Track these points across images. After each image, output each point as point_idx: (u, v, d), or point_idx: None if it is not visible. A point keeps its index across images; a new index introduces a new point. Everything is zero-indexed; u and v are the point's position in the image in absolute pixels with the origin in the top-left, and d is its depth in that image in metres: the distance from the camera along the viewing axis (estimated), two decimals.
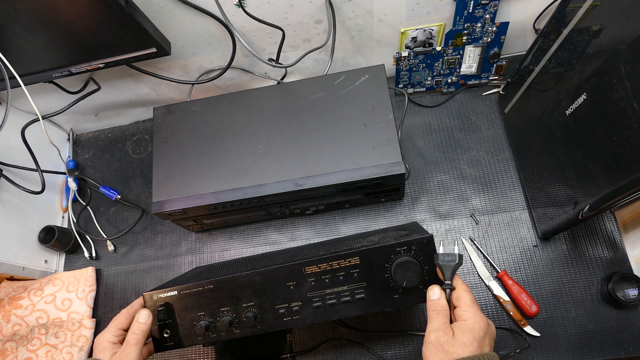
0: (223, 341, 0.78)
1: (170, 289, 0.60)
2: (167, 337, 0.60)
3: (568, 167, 0.63)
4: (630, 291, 0.69)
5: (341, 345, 0.75)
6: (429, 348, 0.49)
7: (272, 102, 0.74)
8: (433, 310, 0.52)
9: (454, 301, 0.52)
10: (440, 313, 0.51)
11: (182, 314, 0.60)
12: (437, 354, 0.48)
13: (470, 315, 0.49)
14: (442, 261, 0.54)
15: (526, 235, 0.77)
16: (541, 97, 0.69)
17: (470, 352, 0.47)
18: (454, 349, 0.47)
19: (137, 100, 0.92)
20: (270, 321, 0.58)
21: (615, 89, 0.50)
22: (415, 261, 0.55)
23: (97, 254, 0.89)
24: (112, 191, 0.90)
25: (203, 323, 0.58)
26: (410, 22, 0.76)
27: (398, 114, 0.87)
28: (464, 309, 0.50)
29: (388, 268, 0.56)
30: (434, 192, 0.82)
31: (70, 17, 0.61)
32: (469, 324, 0.49)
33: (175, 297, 0.60)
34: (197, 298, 0.60)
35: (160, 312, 0.60)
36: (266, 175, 0.69)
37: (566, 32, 0.61)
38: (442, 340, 0.48)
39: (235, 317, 0.59)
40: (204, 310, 0.59)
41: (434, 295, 0.53)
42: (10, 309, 0.80)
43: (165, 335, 0.60)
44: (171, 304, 0.60)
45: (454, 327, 0.50)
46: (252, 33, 0.76)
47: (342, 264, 0.57)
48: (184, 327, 0.60)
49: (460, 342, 0.47)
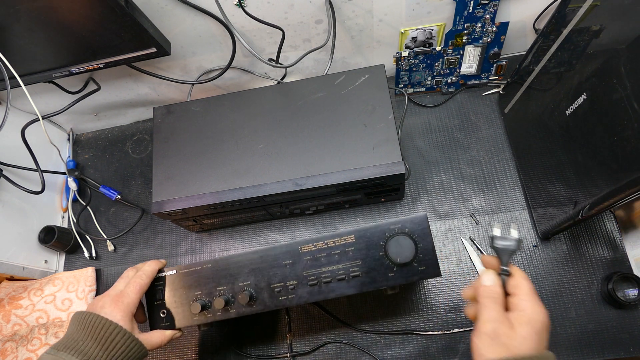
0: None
1: (170, 268, 0.62)
2: (163, 317, 0.61)
3: (568, 167, 0.63)
4: (630, 291, 0.69)
5: (341, 348, 0.75)
6: (482, 339, 0.45)
7: (272, 102, 0.74)
8: (487, 297, 0.47)
9: (510, 289, 0.48)
10: (496, 301, 0.47)
11: (179, 293, 0.61)
12: (492, 346, 0.44)
13: (529, 305, 0.45)
14: (499, 245, 0.50)
15: (526, 235, 0.77)
16: (541, 97, 0.69)
17: (531, 348, 0.43)
18: (513, 342, 0.43)
19: (137, 100, 0.92)
20: (266, 300, 0.59)
21: (615, 89, 0.50)
22: (409, 237, 0.56)
23: (97, 254, 0.89)
24: (112, 191, 0.90)
25: (199, 302, 0.59)
26: (410, 22, 0.76)
27: (398, 114, 0.87)
28: (523, 297, 0.46)
29: (382, 246, 0.57)
30: (434, 192, 0.82)
31: (70, 17, 0.61)
32: (527, 314, 0.45)
33: (173, 277, 0.61)
34: (195, 277, 0.61)
35: (158, 291, 0.61)
36: (266, 175, 0.69)
37: (566, 32, 0.61)
38: (500, 332, 0.44)
39: (231, 296, 0.60)
40: (201, 290, 0.60)
41: (488, 280, 0.48)
42: (10, 309, 0.80)
43: (161, 315, 0.61)
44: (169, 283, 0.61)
45: (511, 318, 0.46)
46: (252, 33, 0.76)
47: (338, 242, 0.59)
48: (180, 307, 0.61)
49: (519, 335, 0.44)
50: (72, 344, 0.52)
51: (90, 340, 0.53)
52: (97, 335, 0.53)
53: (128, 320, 0.56)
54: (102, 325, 0.53)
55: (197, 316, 0.60)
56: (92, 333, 0.53)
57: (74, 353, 0.51)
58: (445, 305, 0.75)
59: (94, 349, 0.52)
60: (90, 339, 0.53)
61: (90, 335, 0.53)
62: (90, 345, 0.52)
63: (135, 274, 0.61)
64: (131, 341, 0.55)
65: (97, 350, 0.52)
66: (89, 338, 0.53)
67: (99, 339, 0.53)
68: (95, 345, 0.52)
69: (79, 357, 0.51)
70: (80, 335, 0.53)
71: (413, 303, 0.76)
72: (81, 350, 0.51)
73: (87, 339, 0.53)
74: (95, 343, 0.53)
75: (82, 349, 0.52)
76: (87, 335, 0.53)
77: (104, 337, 0.53)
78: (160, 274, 0.63)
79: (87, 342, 0.52)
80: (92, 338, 0.53)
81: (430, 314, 0.74)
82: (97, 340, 0.53)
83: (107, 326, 0.53)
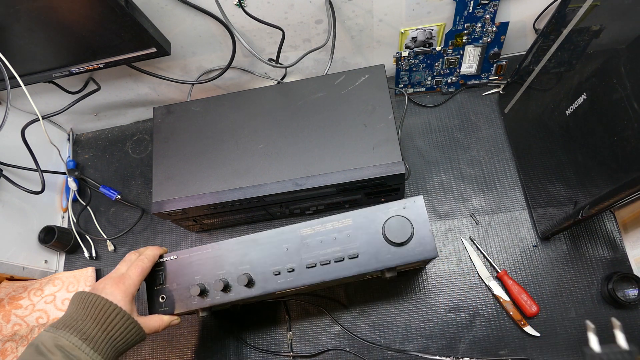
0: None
1: (171, 254, 0.63)
2: (162, 302, 0.62)
3: (568, 167, 0.63)
4: (630, 291, 0.69)
5: (342, 354, 0.75)
6: None
7: (272, 102, 0.74)
8: None
9: None
10: None
11: (179, 278, 0.62)
12: None
13: None
14: None
15: (526, 235, 0.77)
16: (541, 97, 0.69)
17: None
18: None
19: (137, 100, 0.92)
20: (264, 283, 0.60)
21: (615, 89, 0.50)
22: (405, 218, 0.57)
23: (97, 254, 0.89)
24: (112, 191, 0.90)
25: (199, 286, 0.60)
26: (410, 22, 0.76)
27: (398, 114, 0.87)
28: None
29: (379, 227, 0.58)
30: (434, 192, 0.82)
31: (70, 17, 0.61)
32: None
33: (173, 262, 0.62)
34: (196, 263, 0.62)
35: (158, 276, 0.62)
36: (266, 175, 0.69)
37: (566, 32, 0.61)
38: None
39: (230, 280, 0.60)
40: (200, 275, 0.61)
41: None
42: (10, 309, 0.80)
43: (160, 300, 0.62)
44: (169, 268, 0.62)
45: None
46: (252, 33, 0.76)
47: (336, 225, 0.59)
48: (179, 292, 0.61)
49: None
50: (71, 323, 0.52)
51: (89, 319, 0.53)
52: (96, 315, 0.53)
53: (128, 302, 0.56)
54: (101, 306, 0.54)
55: (195, 300, 0.61)
56: (91, 313, 0.53)
57: (72, 331, 0.51)
58: (445, 305, 0.75)
59: (92, 328, 0.52)
60: (89, 318, 0.53)
61: (89, 315, 0.53)
62: (89, 325, 0.52)
63: (138, 258, 0.61)
64: (130, 322, 0.55)
65: (95, 330, 0.52)
66: (89, 317, 0.53)
67: (98, 319, 0.53)
68: (94, 324, 0.53)
69: (77, 336, 0.51)
70: (80, 314, 0.53)
71: (413, 303, 0.76)
72: (80, 329, 0.52)
73: (86, 318, 0.53)
74: (94, 323, 0.53)
75: (81, 327, 0.52)
76: (87, 315, 0.53)
77: (103, 317, 0.53)
78: (161, 259, 0.64)
79: (86, 322, 0.53)
80: (92, 318, 0.53)
81: (430, 314, 0.75)
82: (96, 320, 0.53)
83: (106, 307, 0.54)
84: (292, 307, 0.79)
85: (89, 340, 0.51)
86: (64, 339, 0.50)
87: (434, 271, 0.77)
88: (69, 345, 0.50)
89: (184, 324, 0.81)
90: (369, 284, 0.78)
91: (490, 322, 0.73)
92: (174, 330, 0.80)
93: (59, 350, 0.49)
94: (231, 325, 0.79)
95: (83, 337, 0.51)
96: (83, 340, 0.51)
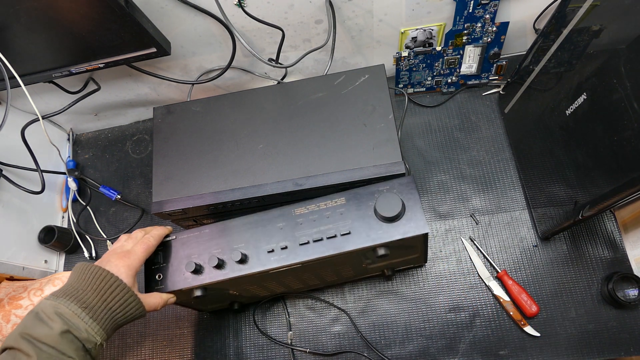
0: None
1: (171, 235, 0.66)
2: (158, 281, 0.63)
3: (568, 167, 0.63)
4: (630, 291, 0.69)
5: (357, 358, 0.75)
6: None
7: (272, 102, 0.74)
8: None
9: None
10: None
11: (176, 258, 0.64)
12: None
13: None
14: None
15: (526, 235, 0.77)
16: (541, 97, 0.69)
17: None
18: None
19: (137, 100, 0.92)
20: (257, 260, 0.61)
21: (615, 89, 0.50)
22: (396, 195, 0.59)
23: (97, 254, 0.89)
24: (112, 191, 0.90)
25: (194, 263, 0.61)
26: (410, 22, 0.76)
27: (398, 114, 0.87)
28: None
29: (371, 204, 0.60)
30: (434, 192, 0.82)
31: (70, 17, 0.61)
32: None
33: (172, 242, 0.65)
34: (193, 243, 0.64)
35: (157, 255, 0.64)
36: (266, 175, 0.69)
37: (566, 32, 0.61)
38: None
39: (225, 258, 0.62)
40: (197, 254, 0.63)
41: None
42: (10, 309, 0.80)
43: (157, 278, 0.63)
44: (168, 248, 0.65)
45: None
46: (252, 33, 0.76)
47: (330, 205, 0.62)
48: (176, 271, 0.63)
49: None
50: (72, 292, 0.52)
51: (90, 290, 0.53)
52: (97, 286, 0.53)
53: (131, 277, 0.56)
54: (103, 277, 0.54)
55: (190, 278, 0.62)
56: (92, 283, 0.53)
57: (72, 300, 0.51)
58: (445, 306, 0.75)
59: (92, 298, 0.52)
60: (90, 288, 0.53)
61: (90, 285, 0.53)
62: (89, 295, 0.52)
63: (144, 236, 0.62)
64: (130, 296, 0.55)
65: (95, 300, 0.52)
66: (89, 288, 0.53)
67: (99, 290, 0.53)
68: (94, 295, 0.53)
69: (77, 304, 0.51)
70: (81, 284, 0.53)
71: (413, 303, 0.76)
72: (80, 298, 0.52)
73: (87, 288, 0.53)
74: (95, 293, 0.53)
75: (81, 297, 0.52)
76: (88, 285, 0.53)
77: (104, 289, 0.53)
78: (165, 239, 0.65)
79: (87, 292, 0.53)
80: (92, 288, 0.53)
81: (430, 314, 0.75)
82: (97, 290, 0.53)
83: (107, 278, 0.54)
84: (292, 307, 0.79)
85: (88, 309, 0.51)
86: (64, 306, 0.50)
87: (434, 271, 0.77)
88: (68, 312, 0.50)
89: (184, 324, 0.81)
90: (369, 283, 0.78)
91: (490, 322, 0.73)
92: (174, 330, 0.81)
93: (59, 317, 0.49)
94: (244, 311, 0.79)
95: (83, 306, 0.51)
96: (83, 309, 0.51)
